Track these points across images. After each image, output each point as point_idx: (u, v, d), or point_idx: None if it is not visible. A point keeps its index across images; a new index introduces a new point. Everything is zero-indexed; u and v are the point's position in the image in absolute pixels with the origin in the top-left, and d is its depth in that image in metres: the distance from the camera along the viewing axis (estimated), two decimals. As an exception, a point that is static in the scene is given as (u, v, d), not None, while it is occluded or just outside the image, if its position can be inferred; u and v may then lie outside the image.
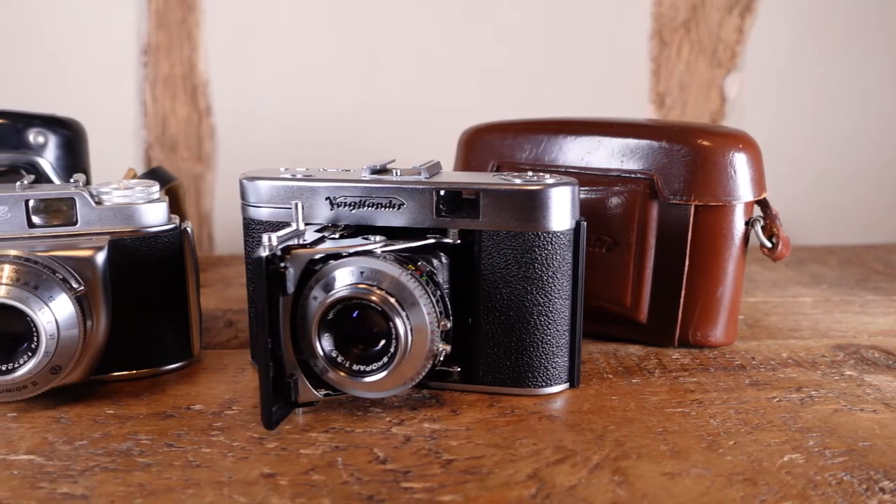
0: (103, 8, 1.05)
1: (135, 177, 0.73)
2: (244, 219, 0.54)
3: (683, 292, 0.57)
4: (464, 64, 1.05)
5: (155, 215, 0.53)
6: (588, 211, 0.56)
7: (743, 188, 0.56)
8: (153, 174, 0.71)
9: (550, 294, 0.49)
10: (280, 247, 0.45)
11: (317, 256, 0.46)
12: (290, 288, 0.45)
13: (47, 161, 0.65)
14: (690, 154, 0.56)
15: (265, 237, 0.45)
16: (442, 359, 0.47)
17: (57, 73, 1.05)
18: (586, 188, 0.58)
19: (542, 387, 0.51)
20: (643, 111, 1.10)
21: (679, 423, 0.47)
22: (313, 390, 0.47)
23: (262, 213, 0.53)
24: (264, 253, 0.43)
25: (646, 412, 0.48)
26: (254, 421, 0.48)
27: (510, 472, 0.42)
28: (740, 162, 0.56)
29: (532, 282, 0.49)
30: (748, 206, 0.57)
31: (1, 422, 0.48)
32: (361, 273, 0.45)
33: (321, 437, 0.45)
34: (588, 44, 1.06)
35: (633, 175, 0.58)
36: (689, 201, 0.56)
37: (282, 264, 0.45)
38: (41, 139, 0.64)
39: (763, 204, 0.58)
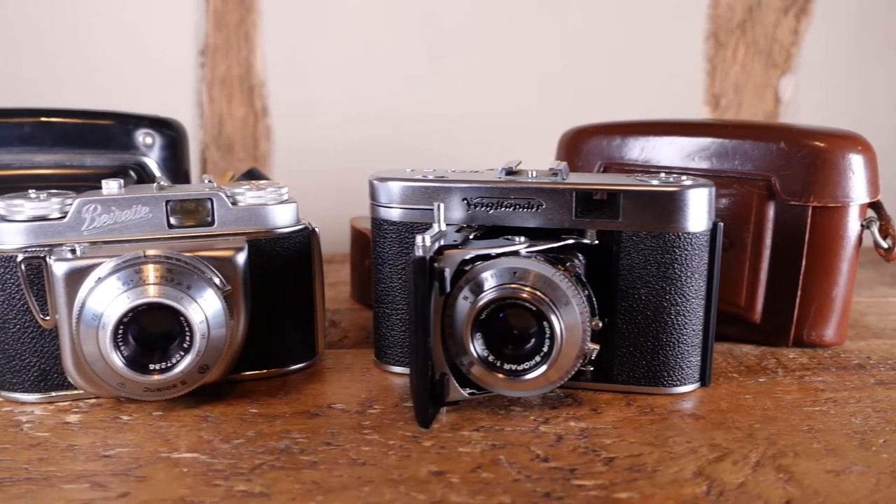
0: (163, 9, 1.05)
1: (233, 178, 0.73)
2: (373, 219, 0.55)
3: (799, 292, 0.58)
4: (523, 67, 1.06)
5: (286, 216, 0.54)
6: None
7: (860, 190, 0.57)
8: (249, 175, 0.72)
9: (687, 294, 0.50)
10: (434, 248, 0.45)
11: (467, 257, 0.47)
12: (448, 288, 0.46)
13: (154, 162, 0.65)
14: (810, 156, 0.56)
15: (419, 238, 0.46)
16: (593, 358, 0.47)
17: (116, 74, 1.05)
18: (701, 189, 0.59)
19: (676, 386, 0.51)
20: (698, 112, 1.10)
21: (822, 422, 0.47)
22: (460, 389, 0.48)
23: (393, 214, 0.53)
24: (423, 254, 0.44)
25: (785, 411, 0.49)
26: (401, 420, 0.48)
27: (675, 469, 0.42)
28: (858, 164, 0.57)
29: (670, 282, 0.50)
30: (863, 208, 0.58)
31: (149, 420, 0.48)
32: (514, 273, 0.46)
33: (474, 436, 0.46)
34: (644, 45, 1.07)
35: (748, 176, 0.58)
36: (807, 202, 0.57)
37: (437, 265, 0.45)
38: (149, 140, 0.64)
39: (877, 206, 0.58)
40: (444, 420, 0.48)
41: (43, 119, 0.61)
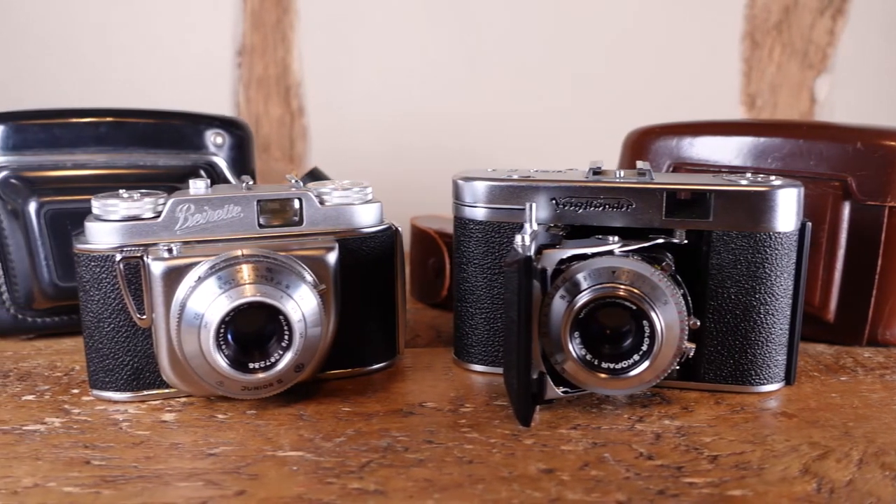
0: (200, 10, 1.05)
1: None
2: (457, 218, 0.55)
3: (875, 292, 0.58)
4: (559, 67, 1.06)
5: (372, 216, 0.54)
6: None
7: (935, 190, 0.57)
8: (312, 175, 0.72)
9: (776, 293, 0.50)
10: (534, 247, 0.46)
11: (565, 256, 0.47)
12: (548, 287, 0.46)
13: (223, 161, 0.65)
14: (887, 156, 0.57)
15: (518, 238, 0.46)
16: (690, 356, 0.48)
17: (154, 74, 1.05)
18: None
19: (762, 384, 0.52)
20: (734, 112, 1.11)
21: (915, 420, 0.48)
22: (555, 388, 0.48)
23: (478, 213, 0.54)
24: (527, 253, 0.44)
25: (875, 409, 0.49)
26: (496, 418, 0.48)
27: (781, 467, 0.42)
28: (934, 164, 0.57)
29: (760, 281, 0.50)
30: (938, 208, 0.58)
31: (245, 419, 0.48)
32: (613, 272, 0.46)
33: (573, 434, 0.46)
34: (680, 45, 1.07)
35: (823, 177, 0.59)
36: (884, 202, 0.57)
37: (538, 265, 0.46)
38: (219, 140, 0.65)
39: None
40: (539, 418, 0.48)
41: (118, 119, 0.62)
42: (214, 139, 0.64)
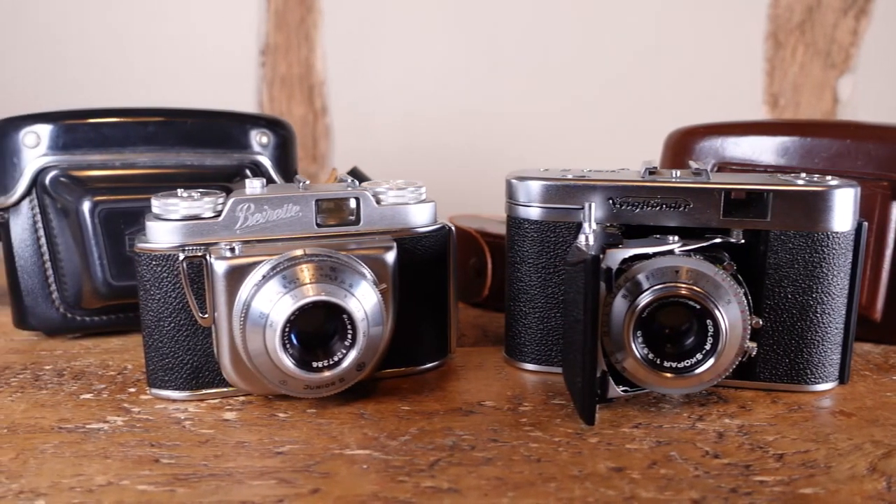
0: (224, 9, 1.06)
1: (335, 178, 0.73)
2: (511, 217, 0.55)
3: (922, 291, 0.58)
4: (582, 68, 1.07)
5: (426, 215, 0.54)
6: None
7: (983, 190, 0.58)
8: (353, 174, 0.72)
9: (832, 293, 0.51)
10: (598, 247, 0.46)
11: (627, 255, 0.47)
12: (612, 287, 0.46)
13: (268, 161, 0.65)
14: (937, 156, 0.57)
15: (582, 238, 0.46)
16: (753, 355, 0.48)
17: (177, 73, 1.06)
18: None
19: (817, 383, 0.52)
20: (757, 112, 1.11)
21: (973, 419, 0.48)
22: (615, 387, 0.48)
23: (532, 213, 0.54)
24: (594, 253, 0.44)
25: (932, 408, 0.50)
26: (556, 417, 0.48)
27: (847, 466, 0.43)
28: (982, 164, 0.57)
29: (817, 281, 0.50)
30: None
31: (306, 418, 0.48)
32: (676, 272, 0.46)
33: (636, 433, 0.46)
34: (704, 45, 1.07)
35: (871, 176, 0.59)
36: (932, 202, 0.57)
37: (603, 265, 0.46)
38: (264, 139, 0.65)
39: None
40: (600, 417, 0.48)
41: (166, 119, 0.62)
42: (260, 139, 0.64)
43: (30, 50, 1.03)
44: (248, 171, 0.64)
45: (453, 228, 0.55)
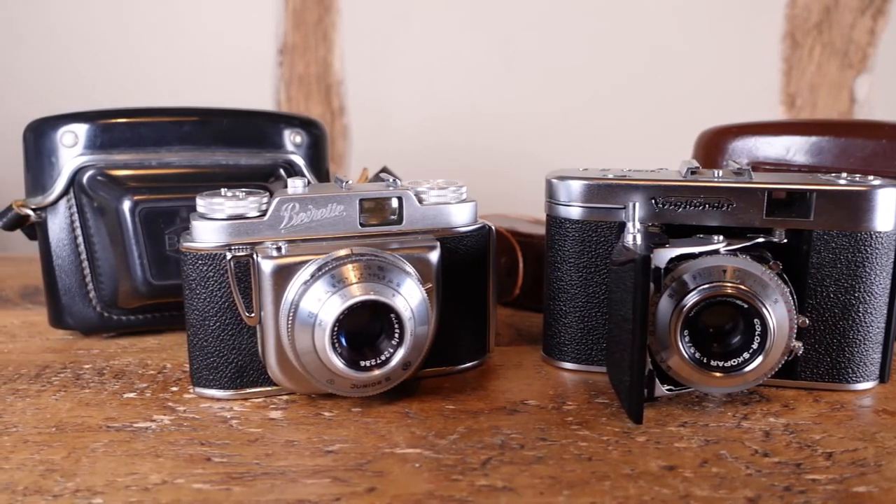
0: (242, 9, 1.06)
1: (366, 177, 0.74)
2: (551, 217, 0.55)
3: (958, 291, 0.59)
4: (599, 67, 1.07)
5: (467, 215, 0.54)
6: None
7: None
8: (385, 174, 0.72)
9: (874, 292, 0.51)
10: (645, 246, 0.46)
11: (674, 255, 0.47)
12: (660, 286, 0.46)
13: (302, 160, 0.65)
14: (973, 156, 0.57)
15: (629, 238, 0.47)
16: (799, 355, 0.48)
17: (195, 72, 1.06)
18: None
19: (858, 382, 0.52)
20: (774, 112, 1.11)
21: None
22: (661, 385, 0.49)
23: (573, 212, 0.54)
24: (643, 252, 0.44)
25: (974, 407, 0.50)
26: (601, 415, 0.49)
27: (897, 464, 0.43)
28: None
29: (859, 280, 0.50)
30: None
31: (352, 417, 0.49)
32: (724, 271, 0.47)
33: (683, 431, 0.47)
34: (721, 44, 1.08)
35: (907, 176, 0.59)
36: (968, 202, 0.57)
37: (653, 264, 0.46)
38: (298, 139, 0.65)
39: None
40: (646, 416, 0.48)
41: (201, 118, 0.62)
42: (293, 138, 0.65)
43: (37, 51, 1.03)
44: (281, 171, 0.64)
45: (493, 228, 0.55)
